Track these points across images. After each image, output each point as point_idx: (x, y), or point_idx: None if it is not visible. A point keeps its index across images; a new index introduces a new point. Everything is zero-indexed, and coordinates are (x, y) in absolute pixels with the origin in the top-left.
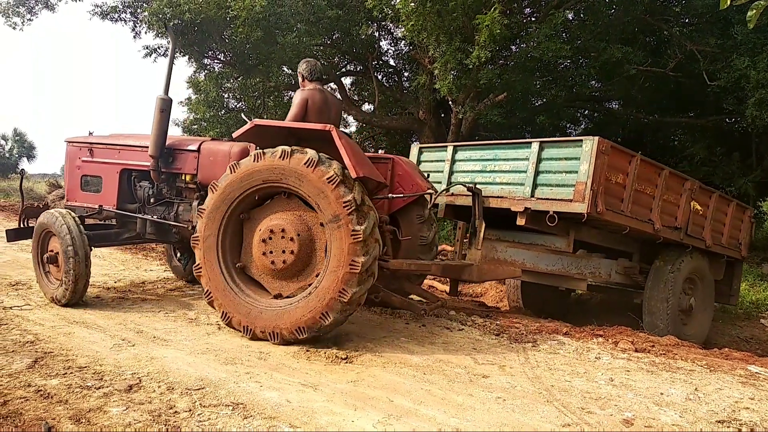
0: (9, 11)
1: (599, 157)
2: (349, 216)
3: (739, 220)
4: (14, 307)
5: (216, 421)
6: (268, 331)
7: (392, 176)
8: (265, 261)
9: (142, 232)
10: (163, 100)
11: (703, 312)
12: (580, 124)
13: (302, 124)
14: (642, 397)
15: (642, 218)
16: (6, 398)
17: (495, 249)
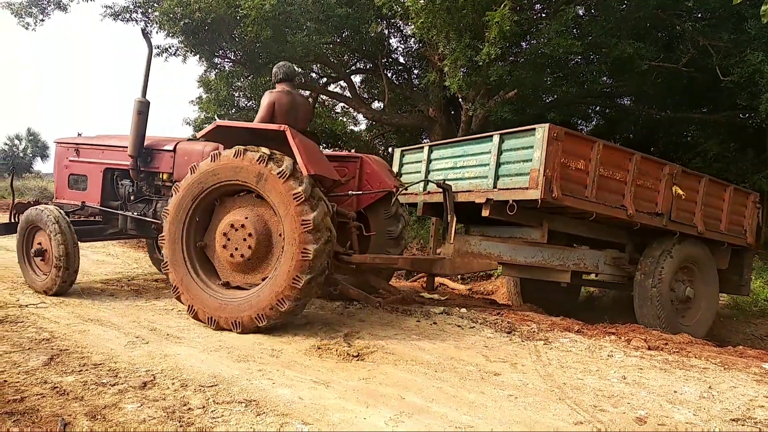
0: (22, 12)
1: (551, 144)
2: (299, 207)
3: (742, 206)
4: (30, 305)
5: (229, 417)
6: (231, 321)
7: (360, 174)
8: (226, 254)
9: (123, 227)
10: (140, 102)
11: (704, 302)
12: (591, 120)
13: (259, 125)
14: (655, 395)
15: (612, 204)
16: (23, 395)
17: (468, 242)
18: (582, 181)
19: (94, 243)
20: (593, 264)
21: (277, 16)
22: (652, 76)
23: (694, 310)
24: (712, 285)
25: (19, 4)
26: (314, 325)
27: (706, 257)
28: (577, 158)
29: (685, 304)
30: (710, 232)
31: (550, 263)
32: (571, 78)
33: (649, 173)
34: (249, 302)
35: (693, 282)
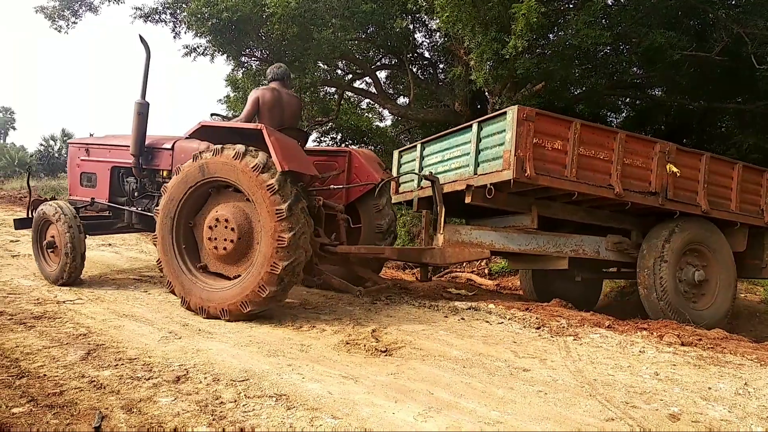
0: (55, 15)
1: (521, 125)
2: (272, 197)
3: (757, 185)
4: (67, 301)
5: (260, 411)
6: (219, 309)
7: (349, 168)
8: (211, 247)
9: (129, 222)
10: (140, 104)
11: (719, 286)
12: (621, 112)
13: (238, 124)
14: (689, 392)
15: (597, 183)
16: (62, 388)
17: (459, 232)
18: (560, 161)
19: (127, 241)
20: (593, 250)
21: (303, 14)
22: (685, 66)
23: (708, 295)
24: (726, 268)
25: (52, 7)
26: (342, 321)
27: (718, 239)
28: (553, 138)
29: (697, 288)
30: (717, 211)
31: (545, 250)
32: (600, 69)
33: (639, 152)
34: (234, 291)
35: (706, 265)
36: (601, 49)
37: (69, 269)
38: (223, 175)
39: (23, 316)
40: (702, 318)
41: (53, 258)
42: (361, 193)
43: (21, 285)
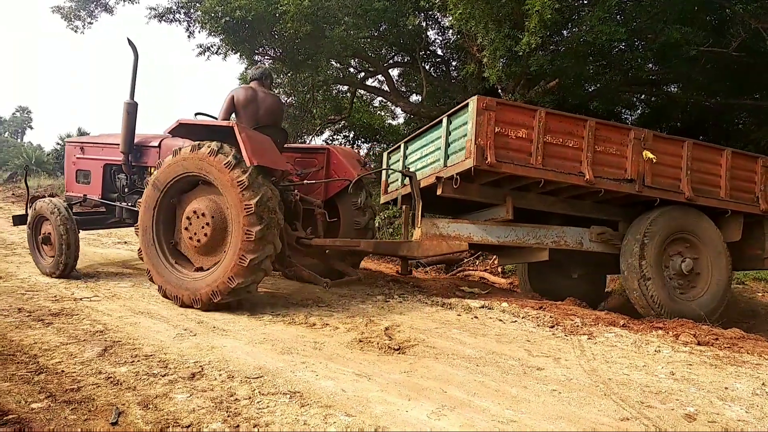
0: (71, 15)
1: (480, 114)
2: (242, 193)
3: (750, 171)
4: (84, 299)
5: (274, 408)
6: (192, 298)
7: (328, 165)
8: (188, 239)
9: (120, 217)
10: (129, 104)
11: (712, 276)
12: (636, 109)
13: (212, 122)
14: (705, 392)
15: (566, 171)
16: (79, 384)
17: (436, 225)
18: (525, 149)
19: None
20: (575, 241)
21: (316, 12)
22: (701, 62)
23: (700, 285)
24: (718, 258)
25: (68, 8)
26: (355, 319)
27: (707, 227)
28: (517, 127)
29: (686, 279)
30: (704, 198)
31: (525, 242)
32: (615, 66)
33: (612, 139)
34: (206, 281)
35: (696, 255)
36: (615, 45)
37: (63, 263)
38: (199, 171)
39: (41, 313)
40: (692, 309)
41: (48, 252)
42: (339, 189)
43: (39, 282)
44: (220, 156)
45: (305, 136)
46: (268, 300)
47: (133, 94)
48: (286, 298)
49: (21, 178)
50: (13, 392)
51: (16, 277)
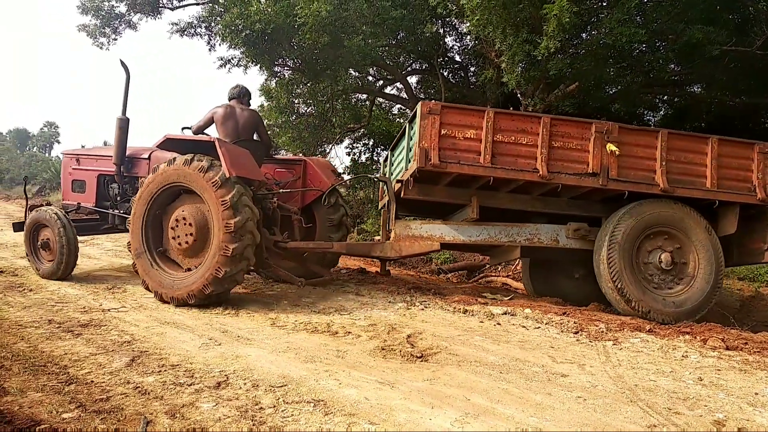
0: (96, 33)
1: (424, 118)
2: (218, 191)
3: (744, 159)
4: (112, 310)
5: (299, 417)
6: (171, 296)
7: (304, 174)
8: (175, 243)
9: (113, 224)
10: (121, 119)
11: (698, 271)
12: (659, 110)
13: (196, 137)
14: (734, 398)
15: (519, 168)
16: (108, 394)
17: (409, 227)
18: (474, 149)
19: None
20: (550, 238)
21: (334, 23)
22: (724, 62)
23: (685, 280)
24: (706, 251)
25: (93, 25)
26: (377, 327)
27: (690, 220)
28: (465, 128)
29: (669, 274)
30: (685, 189)
31: (498, 240)
32: (636, 67)
33: (572, 134)
34: (196, 276)
35: (680, 249)
36: (636, 47)
37: (64, 266)
38: (188, 182)
39: (71, 324)
40: (675, 305)
41: (46, 256)
42: (314, 198)
43: (68, 294)
44: (210, 173)
45: (325, 145)
46: (291, 309)
47: (125, 110)
48: (308, 307)
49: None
50: (44, 402)
51: (46, 289)
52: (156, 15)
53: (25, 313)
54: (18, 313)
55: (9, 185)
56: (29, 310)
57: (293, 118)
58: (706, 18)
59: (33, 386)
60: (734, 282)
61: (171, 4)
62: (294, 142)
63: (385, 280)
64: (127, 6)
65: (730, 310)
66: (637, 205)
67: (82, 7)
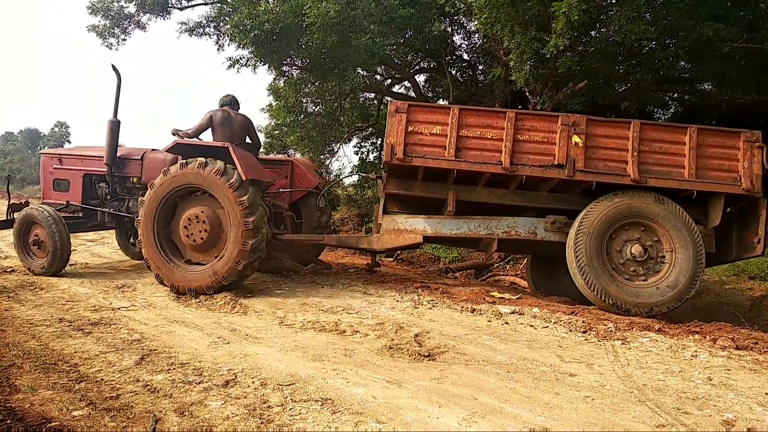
0: (105, 33)
1: (391, 116)
2: (235, 193)
3: (729, 149)
4: (122, 308)
5: (306, 415)
6: (186, 287)
7: (292, 174)
8: (187, 239)
9: (102, 221)
10: (112, 122)
11: (674, 264)
12: (669, 108)
13: (208, 142)
14: (744, 398)
15: (483, 161)
16: (118, 392)
17: (395, 221)
18: (440, 144)
19: None
20: (528, 230)
21: (342, 22)
22: (735, 59)
23: (662, 272)
24: (684, 242)
25: (102, 26)
26: (385, 326)
27: (667, 211)
28: (432, 125)
29: (644, 266)
30: (659, 180)
31: (477, 233)
32: (646, 65)
33: (537, 127)
34: (200, 275)
35: (657, 241)
36: (645, 44)
37: (56, 263)
38: (202, 184)
39: (81, 323)
40: (647, 296)
41: (38, 253)
42: (302, 195)
43: (78, 293)
44: (225, 176)
45: (333, 144)
46: (299, 308)
47: (116, 112)
48: (316, 306)
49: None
50: (55, 400)
51: (57, 288)
52: (165, 15)
53: (36, 311)
54: (29, 312)
55: (20, 185)
56: (40, 308)
57: (301, 118)
58: (716, 15)
59: (44, 384)
60: (745, 281)
61: (180, 4)
62: (302, 142)
63: (393, 279)
64: (136, 6)
65: (740, 309)
66: (608, 197)
67: (92, 7)
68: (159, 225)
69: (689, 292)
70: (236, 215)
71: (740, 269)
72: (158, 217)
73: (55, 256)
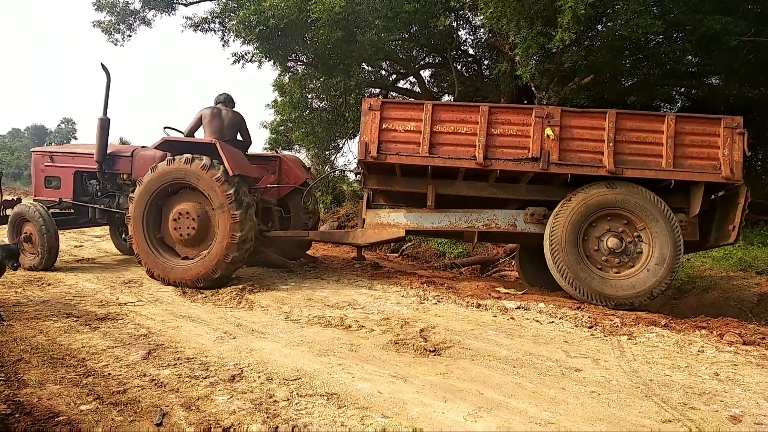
0: (111, 29)
1: (365, 114)
2: (222, 187)
3: (710, 136)
4: (128, 303)
5: (312, 410)
6: (178, 281)
7: (280, 170)
8: (176, 233)
9: (93, 217)
10: (102, 119)
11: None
12: (676, 102)
13: (196, 139)
14: (751, 393)
15: (457, 156)
16: (125, 387)
17: (378, 215)
18: (414, 140)
19: None
20: (508, 223)
21: (347, 17)
22: (743, 52)
23: (639, 263)
24: (660, 234)
25: (107, 21)
26: (390, 321)
27: (645, 201)
28: (405, 122)
29: (621, 257)
30: (633, 170)
31: (458, 226)
32: (653, 59)
33: (511, 121)
34: (191, 268)
35: (634, 232)
36: (652, 38)
37: (46, 259)
38: (189, 180)
39: (88, 318)
40: (623, 288)
41: (29, 249)
42: (289, 190)
43: (85, 288)
44: (212, 170)
45: (338, 140)
46: (304, 303)
47: (105, 110)
48: (321, 301)
49: None
50: (63, 394)
51: (64, 283)
52: (170, 11)
53: (43, 306)
54: (37, 307)
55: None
56: (48, 303)
57: (306, 113)
58: (724, 8)
59: (51, 379)
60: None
61: (185, 0)
62: (307, 137)
63: (398, 275)
64: (141, 2)
65: (747, 304)
66: (583, 189)
67: (97, 3)
68: (148, 220)
69: (664, 283)
70: (223, 209)
71: (747, 264)
72: (148, 213)
73: (42, 252)
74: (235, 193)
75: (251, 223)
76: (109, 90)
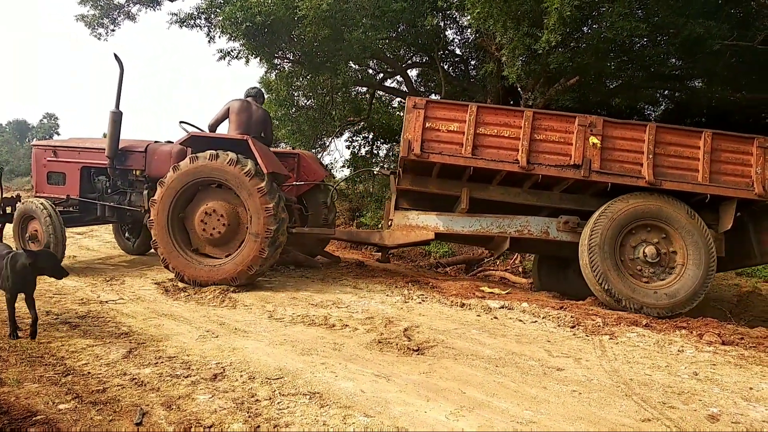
0: (94, 23)
1: (409, 112)
2: (253, 180)
3: (743, 154)
4: (110, 302)
5: (294, 409)
6: (207, 281)
7: (298, 167)
8: (204, 233)
9: (101, 215)
10: (114, 113)
11: (686, 267)
12: (659, 104)
13: (225, 135)
14: (729, 392)
15: (500, 159)
16: (105, 386)
17: (407, 217)
18: (457, 141)
19: None
20: (541, 230)
21: (334, 15)
22: (725, 56)
23: (674, 274)
24: (696, 245)
25: (91, 16)
26: (375, 320)
27: (681, 214)
28: (449, 122)
29: (655, 267)
30: (671, 183)
31: (489, 231)
32: (637, 62)
33: (554, 127)
34: (224, 268)
35: (670, 243)
36: (637, 41)
37: None
38: (217, 176)
39: (68, 316)
40: (659, 298)
41: (35, 247)
42: (308, 188)
43: (66, 285)
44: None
45: (324, 138)
46: (288, 302)
47: (118, 103)
48: (306, 300)
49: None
50: (41, 393)
51: (44, 281)
52: (155, 6)
53: (22, 304)
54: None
55: (9, 177)
56: None
57: (293, 111)
58: (707, 12)
59: (30, 377)
60: (732, 277)
61: None
62: (293, 135)
63: (383, 274)
64: None
65: (727, 305)
66: (622, 199)
67: None
68: (173, 222)
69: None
70: (255, 203)
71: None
72: (172, 215)
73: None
74: (266, 185)
75: (284, 215)
76: (122, 82)
